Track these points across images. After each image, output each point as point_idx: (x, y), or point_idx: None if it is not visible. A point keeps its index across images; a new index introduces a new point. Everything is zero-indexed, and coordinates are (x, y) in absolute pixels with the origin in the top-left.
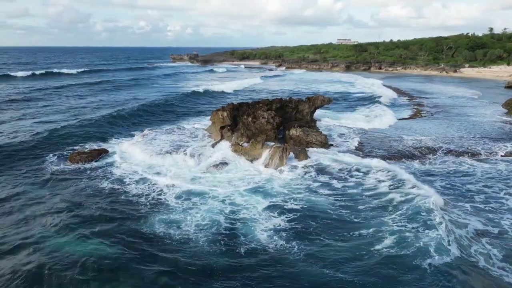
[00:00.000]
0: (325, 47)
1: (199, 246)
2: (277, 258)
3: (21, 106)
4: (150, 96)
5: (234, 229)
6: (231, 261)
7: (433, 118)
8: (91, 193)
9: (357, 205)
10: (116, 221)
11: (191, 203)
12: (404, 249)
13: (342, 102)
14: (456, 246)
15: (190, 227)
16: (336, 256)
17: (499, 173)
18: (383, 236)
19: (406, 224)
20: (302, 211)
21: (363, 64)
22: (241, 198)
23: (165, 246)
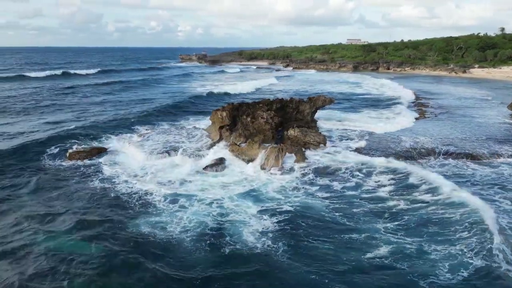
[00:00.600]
0: (334, 47)
1: (182, 248)
2: (262, 261)
3: (33, 105)
4: (165, 97)
5: (220, 233)
6: (216, 263)
7: (436, 119)
8: (81, 192)
9: (352, 208)
10: (102, 221)
11: (178, 206)
12: (400, 261)
13: (347, 102)
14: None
15: (176, 229)
16: (323, 260)
17: (499, 176)
18: (377, 244)
19: (404, 234)
20: (294, 213)
21: (371, 65)
22: (231, 202)
23: (150, 247)
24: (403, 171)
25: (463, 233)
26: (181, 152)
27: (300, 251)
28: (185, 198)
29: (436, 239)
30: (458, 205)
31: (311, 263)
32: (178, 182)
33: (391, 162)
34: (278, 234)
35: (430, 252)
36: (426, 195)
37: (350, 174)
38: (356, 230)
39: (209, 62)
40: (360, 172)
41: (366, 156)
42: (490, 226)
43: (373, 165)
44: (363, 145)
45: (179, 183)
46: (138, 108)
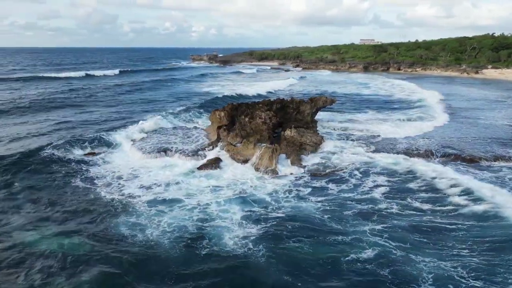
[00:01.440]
0: (346, 47)
1: (158, 252)
2: (239, 265)
3: (47, 108)
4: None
5: (199, 239)
6: (190, 268)
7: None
8: (66, 189)
9: (343, 210)
10: (80, 220)
11: (160, 210)
12: (383, 267)
13: (353, 103)
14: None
15: (155, 232)
16: (301, 263)
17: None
18: (363, 248)
19: (392, 238)
20: (282, 217)
21: (381, 65)
22: (217, 207)
23: (127, 249)
24: (402, 172)
25: (459, 245)
26: (178, 152)
27: (280, 255)
28: (169, 202)
29: (426, 248)
30: (458, 212)
31: (289, 266)
32: (166, 183)
33: (391, 163)
34: (261, 239)
35: (417, 261)
36: (423, 199)
37: (348, 175)
38: (343, 233)
39: (220, 62)
40: (359, 173)
41: (364, 156)
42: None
43: (372, 166)
44: (366, 146)
45: (167, 184)
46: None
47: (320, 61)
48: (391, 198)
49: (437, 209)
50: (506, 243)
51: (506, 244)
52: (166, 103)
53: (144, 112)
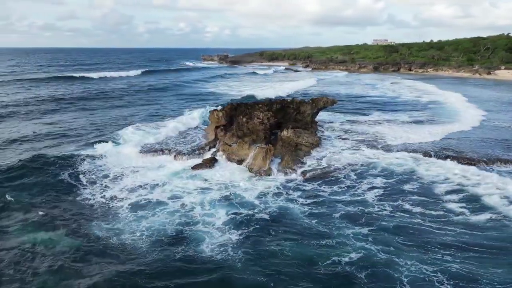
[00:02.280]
0: (358, 48)
1: (138, 254)
2: (217, 269)
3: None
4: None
5: (180, 241)
6: (166, 272)
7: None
8: (49, 187)
9: (332, 213)
10: (58, 218)
11: (145, 210)
12: (363, 271)
13: (360, 104)
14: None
15: (136, 233)
16: (280, 267)
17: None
18: (346, 251)
19: (378, 242)
20: (267, 221)
21: (392, 65)
22: (202, 210)
23: (107, 250)
24: (400, 175)
25: (444, 250)
26: (174, 151)
27: (259, 260)
28: (154, 204)
29: (410, 252)
30: (449, 217)
31: (266, 271)
32: (155, 184)
33: (389, 164)
34: (241, 243)
35: (399, 264)
36: (417, 202)
37: (343, 177)
38: (328, 236)
39: (230, 62)
40: (355, 175)
41: (363, 158)
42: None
43: (370, 168)
44: (366, 148)
45: (155, 186)
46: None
47: (330, 62)
48: (383, 200)
49: (428, 213)
50: (492, 252)
51: (492, 253)
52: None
53: (158, 114)
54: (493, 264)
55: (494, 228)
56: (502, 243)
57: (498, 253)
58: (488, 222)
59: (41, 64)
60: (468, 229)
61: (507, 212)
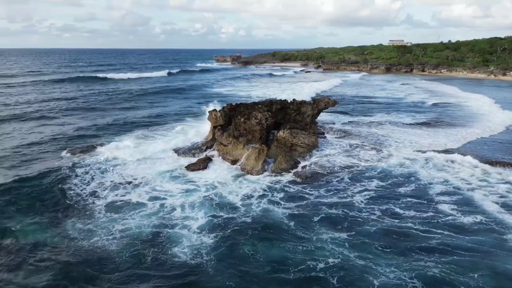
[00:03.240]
0: (373, 48)
1: (105, 258)
2: (187, 273)
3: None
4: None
5: (154, 244)
6: (135, 275)
7: (447, 125)
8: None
9: (314, 216)
10: (30, 214)
11: (123, 210)
12: (337, 276)
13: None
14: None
15: (109, 234)
16: (253, 272)
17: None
18: (323, 256)
19: (356, 247)
20: (247, 223)
21: (405, 66)
22: (181, 213)
23: (71, 252)
24: (396, 178)
25: (425, 255)
26: (171, 150)
27: (232, 264)
28: (133, 204)
29: (389, 257)
30: (438, 221)
31: (237, 275)
32: (140, 182)
33: (386, 167)
34: (216, 247)
35: (375, 270)
36: (407, 205)
37: (335, 179)
38: (306, 240)
39: (242, 63)
40: (348, 178)
41: (360, 161)
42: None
43: (366, 171)
44: (366, 150)
45: (139, 184)
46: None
47: (342, 62)
48: (373, 204)
49: (418, 216)
50: (475, 256)
51: (475, 257)
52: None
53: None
54: (472, 269)
55: (481, 232)
56: (486, 247)
57: (480, 257)
58: (477, 225)
59: (79, 65)
60: (455, 233)
61: (497, 216)
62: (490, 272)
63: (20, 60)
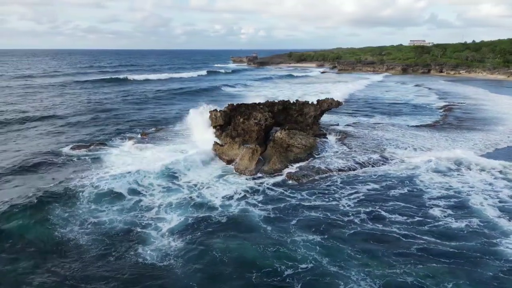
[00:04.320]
0: (392, 48)
1: (68, 251)
2: (152, 275)
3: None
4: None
5: (122, 243)
6: (97, 274)
7: (454, 127)
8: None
9: (291, 219)
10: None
11: (101, 205)
12: (303, 281)
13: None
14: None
15: (79, 229)
16: (220, 275)
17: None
18: (294, 259)
19: (325, 250)
20: (222, 224)
21: (422, 67)
22: (155, 215)
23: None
24: (390, 180)
25: (398, 261)
26: (168, 149)
27: (199, 267)
28: (111, 198)
29: (361, 262)
30: (427, 226)
31: (203, 279)
32: (123, 177)
33: (384, 171)
34: (186, 249)
35: (343, 276)
36: (396, 208)
37: (327, 181)
38: (279, 243)
39: (258, 64)
40: (341, 181)
41: (357, 163)
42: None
43: (361, 174)
44: (366, 153)
45: (121, 177)
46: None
47: (358, 63)
48: (358, 207)
49: (404, 221)
50: (456, 263)
51: (455, 264)
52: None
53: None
54: (450, 277)
55: (469, 238)
56: (470, 253)
57: (461, 265)
58: (466, 231)
59: (114, 65)
60: (440, 239)
61: (491, 221)
62: (468, 280)
63: (45, 60)
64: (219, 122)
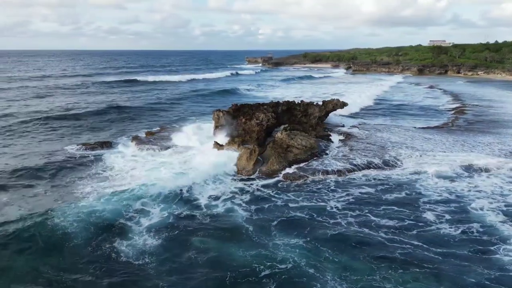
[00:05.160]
0: (410, 49)
1: (50, 248)
2: (124, 274)
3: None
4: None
5: (98, 236)
6: (67, 268)
7: (463, 130)
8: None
9: (273, 221)
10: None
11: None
12: (279, 282)
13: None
14: None
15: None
16: (194, 277)
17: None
18: (273, 260)
19: (305, 251)
20: (203, 224)
21: (439, 68)
22: (141, 206)
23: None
24: (388, 184)
25: (382, 268)
26: (170, 149)
27: (174, 268)
28: (96, 194)
29: (338, 265)
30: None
31: (177, 279)
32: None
33: (383, 174)
34: (164, 247)
35: (319, 278)
36: (388, 212)
37: (319, 184)
38: (260, 245)
39: (272, 64)
40: (335, 184)
41: (354, 166)
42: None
43: (358, 177)
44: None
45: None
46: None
47: (373, 64)
48: (347, 210)
49: (391, 225)
50: (438, 268)
51: (437, 273)
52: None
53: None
54: (431, 282)
55: (459, 244)
56: (458, 260)
57: (445, 270)
58: (458, 237)
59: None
60: (428, 244)
61: (491, 227)
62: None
63: (65, 61)
64: (221, 122)
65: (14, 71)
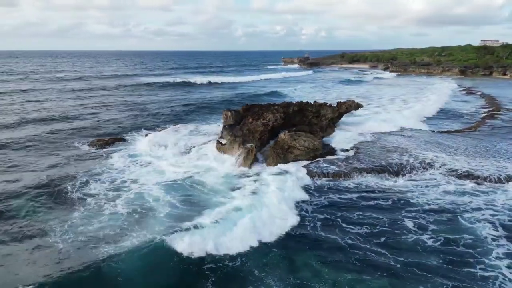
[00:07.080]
0: (456, 49)
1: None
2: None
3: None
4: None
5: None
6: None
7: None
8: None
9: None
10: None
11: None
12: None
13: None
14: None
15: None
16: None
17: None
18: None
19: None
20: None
21: (483, 69)
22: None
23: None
24: (385, 192)
25: (348, 275)
26: (173, 147)
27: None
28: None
29: (293, 271)
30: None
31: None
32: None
33: (382, 181)
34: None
35: (270, 283)
36: (370, 219)
37: (312, 187)
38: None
39: (308, 64)
40: (328, 188)
41: (354, 170)
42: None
43: (356, 183)
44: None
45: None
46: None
47: (412, 64)
48: (315, 213)
49: (368, 232)
50: (415, 277)
51: (414, 278)
52: None
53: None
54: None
55: (431, 254)
56: (421, 270)
57: (404, 279)
58: (439, 247)
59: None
60: (393, 252)
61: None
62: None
63: (111, 61)
64: (229, 122)
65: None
